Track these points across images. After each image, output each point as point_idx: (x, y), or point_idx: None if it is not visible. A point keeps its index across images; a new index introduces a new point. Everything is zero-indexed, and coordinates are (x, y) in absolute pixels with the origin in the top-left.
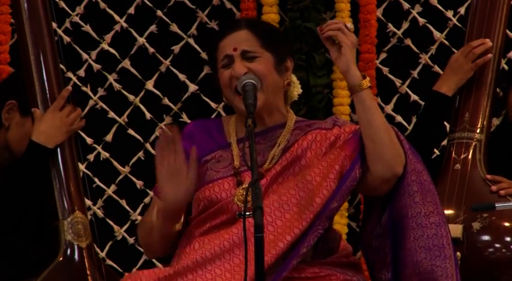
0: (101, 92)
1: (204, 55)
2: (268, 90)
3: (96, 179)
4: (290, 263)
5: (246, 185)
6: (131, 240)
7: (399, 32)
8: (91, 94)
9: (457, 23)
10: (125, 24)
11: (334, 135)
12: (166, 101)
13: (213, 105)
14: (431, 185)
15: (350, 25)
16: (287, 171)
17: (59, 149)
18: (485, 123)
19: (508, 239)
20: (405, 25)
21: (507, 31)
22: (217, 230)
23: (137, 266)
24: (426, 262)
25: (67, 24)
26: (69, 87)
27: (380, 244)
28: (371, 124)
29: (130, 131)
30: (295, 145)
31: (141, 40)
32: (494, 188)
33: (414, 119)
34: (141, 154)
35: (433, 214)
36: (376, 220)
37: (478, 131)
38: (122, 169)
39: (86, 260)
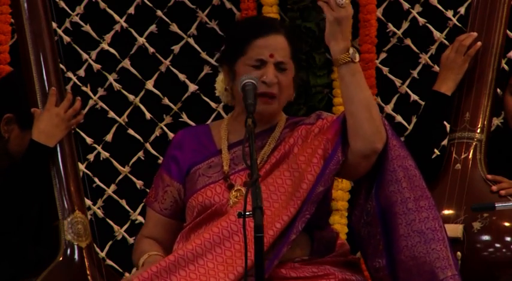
0: (101, 92)
1: (204, 55)
2: (282, 101)
3: (96, 179)
4: (281, 251)
5: (238, 188)
6: (131, 240)
7: (399, 32)
8: (91, 94)
9: (457, 23)
10: (124, 24)
11: (318, 127)
12: (166, 101)
13: (213, 105)
14: (416, 170)
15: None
16: (276, 168)
17: (58, 149)
18: (485, 123)
19: (508, 239)
20: (405, 25)
21: (507, 31)
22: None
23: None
24: (421, 245)
25: (67, 24)
26: (53, 88)
27: (369, 232)
28: (350, 100)
29: (130, 131)
30: (282, 143)
31: (141, 40)
32: (494, 188)
33: (414, 119)
34: (141, 153)
35: (422, 197)
36: (363, 206)
37: (479, 131)
38: (122, 168)
39: (86, 260)
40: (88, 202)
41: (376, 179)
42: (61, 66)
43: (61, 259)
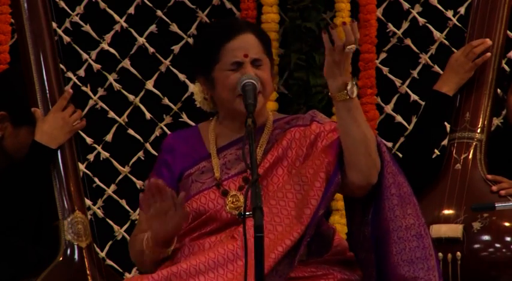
0: (101, 92)
1: None
2: (266, 96)
3: (96, 179)
4: (288, 274)
5: (234, 193)
6: None
7: (399, 32)
8: (91, 94)
9: (457, 23)
10: (124, 24)
11: (314, 133)
12: (166, 101)
13: None
14: (411, 197)
15: (351, 47)
16: (270, 173)
17: (59, 149)
18: (485, 123)
19: (508, 239)
20: (405, 25)
21: (507, 31)
22: (207, 236)
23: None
24: (409, 274)
25: (67, 24)
26: (71, 90)
27: (365, 257)
28: (346, 134)
29: (130, 131)
30: (275, 145)
31: (141, 40)
32: (494, 188)
33: (414, 119)
34: (141, 153)
35: (414, 226)
36: (358, 226)
37: (479, 131)
38: (122, 169)
39: (86, 260)
40: (88, 202)
41: (372, 205)
42: (61, 66)
43: (61, 259)
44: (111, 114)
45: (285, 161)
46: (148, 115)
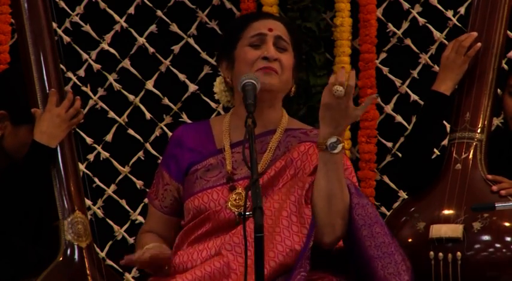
0: (101, 92)
1: (204, 55)
2: (282, 81)
3: (96, 179)
4: None
5: (239, 191)
6: (131, 240)
7: (399, 32)
8: (91, 94)
9: (457, 23)
10: (124, 24)
11: (315, 160)
12: (166, 101)
13: (213, 105)
14: (378, 218)
15: (337, 88)
16: (276, 181)
17: (58, 149)
18: (486, 123)
19: (508, 239)
20: (405, 25)
21: (507, 31)
22: (204, 240)
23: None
24: None
25: (67, 24)
26: (53, 90)
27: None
28: (315, 185)
29: (130, 131)
30: (286, 153)
31: (141, 40)
32: (495, 188)
33: (414, 119)
34: (141, 153)
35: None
36: None
37: (479, 131)
38: (122, 169)
39: (86, 260)
40: (88, 202)
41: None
42: (61, 66)
43: (61, 259)
44: (111, 114)
45: (292, 170)
46: (148, 115)
